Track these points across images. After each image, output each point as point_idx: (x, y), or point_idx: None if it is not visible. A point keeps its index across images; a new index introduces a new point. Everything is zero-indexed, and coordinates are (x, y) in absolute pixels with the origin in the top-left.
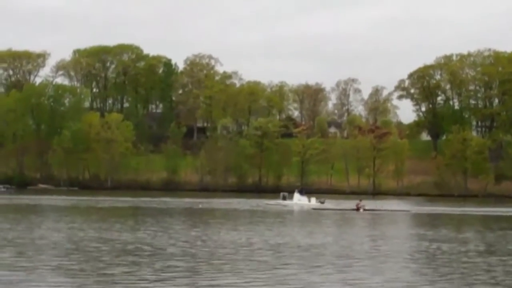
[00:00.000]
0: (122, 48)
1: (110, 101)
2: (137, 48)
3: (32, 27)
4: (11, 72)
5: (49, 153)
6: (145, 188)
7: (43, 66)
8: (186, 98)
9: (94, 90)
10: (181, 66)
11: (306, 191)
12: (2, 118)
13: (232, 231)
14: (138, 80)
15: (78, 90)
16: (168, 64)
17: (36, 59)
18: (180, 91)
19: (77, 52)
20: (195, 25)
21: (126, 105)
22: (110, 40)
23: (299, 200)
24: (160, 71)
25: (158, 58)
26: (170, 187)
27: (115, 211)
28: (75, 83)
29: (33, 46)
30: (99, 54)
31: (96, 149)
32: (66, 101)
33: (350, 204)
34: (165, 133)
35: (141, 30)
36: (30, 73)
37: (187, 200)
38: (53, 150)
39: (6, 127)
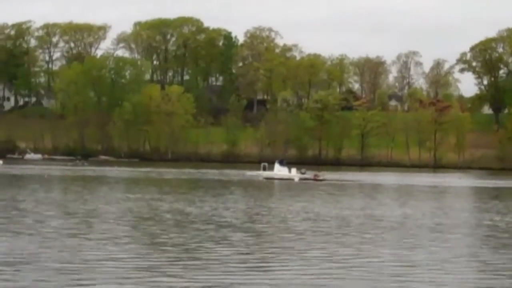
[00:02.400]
0: (183, 21)
1: (170, 73)
2: (197, 20)
3: (94, 0)
4: (72, 45)
5: (110, 125)
6: (205, 160)
7: (104, 38)
8: (246, 70)
9: (155, 62)
10: (241, 39)
11: (287, 162)
12: (64, 90)
13: (296, 203)
14: (198, 52)
15: (139, 63)
16: (228, 36)
17: (97, 31)
18: (240, 64)
19: (137, 24)
20: None
21: (186, 77)
22: (171, 12)
23: (279, 171)
24: (220, 43)
25: (218, 31)
26: (230, 159)
27: (181, 183)
28: (136, 55)
29: (94, 19)
30: (160, 26)
31: (157, 121)
32: (127, 73)
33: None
34: (225, 106)
35: (201, 2)
36: (91, 45)
37: (248, 173)
38: (113, 122)
39: (68, 99)
